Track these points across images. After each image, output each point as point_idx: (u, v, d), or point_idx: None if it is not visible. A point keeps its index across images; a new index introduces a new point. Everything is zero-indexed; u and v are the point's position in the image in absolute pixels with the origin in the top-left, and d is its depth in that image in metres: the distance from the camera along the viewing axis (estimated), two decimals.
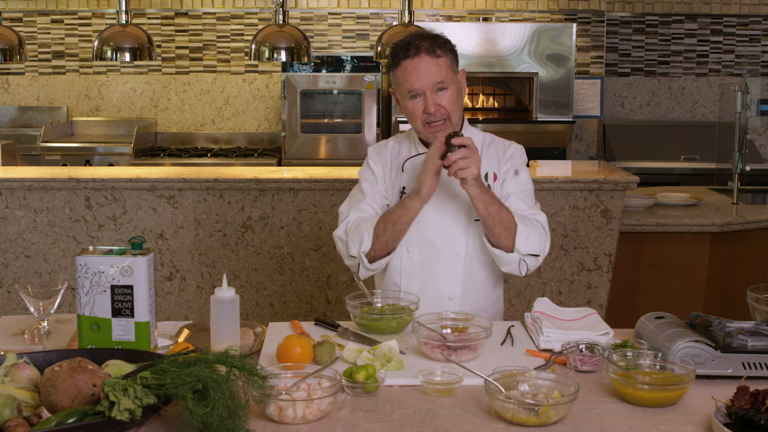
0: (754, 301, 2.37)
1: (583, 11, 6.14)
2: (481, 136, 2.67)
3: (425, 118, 2.50)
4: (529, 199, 2.60)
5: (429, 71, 2.46)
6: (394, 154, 2.67)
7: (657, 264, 4.06)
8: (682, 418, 1.82)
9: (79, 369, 1.72)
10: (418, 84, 2.47)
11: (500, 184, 2.59)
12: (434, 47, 2.48)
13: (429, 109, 2.48)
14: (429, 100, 2.47)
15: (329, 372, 1.91)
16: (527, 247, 2.47)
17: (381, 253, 2.53)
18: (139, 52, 4.06)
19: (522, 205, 2.56)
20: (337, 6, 6.15)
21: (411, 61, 2.47)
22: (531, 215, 2.55)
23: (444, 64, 2.49)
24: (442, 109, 2.49)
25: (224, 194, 3.86)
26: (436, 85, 2.47)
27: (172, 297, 3.92)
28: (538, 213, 2.58)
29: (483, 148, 2.62)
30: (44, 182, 3.82)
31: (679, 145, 6.05)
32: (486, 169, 2.59)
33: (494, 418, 1.81)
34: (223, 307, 2.14)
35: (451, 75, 2.50)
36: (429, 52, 2.47)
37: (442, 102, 2.48)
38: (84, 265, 2.05)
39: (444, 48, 2.51)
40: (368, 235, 2.49)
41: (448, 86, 2.49)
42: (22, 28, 6.14)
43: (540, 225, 2.53)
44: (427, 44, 2.48)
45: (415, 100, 2.49)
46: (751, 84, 6.15)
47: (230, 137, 6.29)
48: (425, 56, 2.47)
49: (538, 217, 2.56)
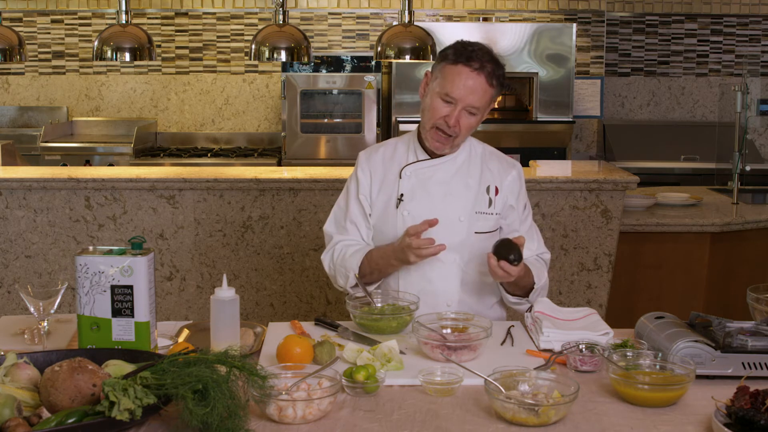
0: (754, 301, 2.37)
1: (583, 11, 6.14)
2: (480, 148, 2.68)
3: (440, 123, 2.50)
4: (538, 235, 2.69)
5: (475, 92, 2.46)
6: (387, 158, 2.65)
7: (657, 264, 4.06)
8: (682, 418, 1.82)
9: (79, 369, 1.72)
10: (458, 94, 2.46)
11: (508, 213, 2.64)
12: (493, 76, 2.49)
13: (450, 120, 2.48)
14: (455, 113, 2.48)
15: (329, 372, 1.91)
16: (534, 299, 2.56)
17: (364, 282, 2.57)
18: (139, 52, 4.06)
19: (533, 244, 2.64)
20: (337, 6, 6.15)
21: (469, 72, 2.46)
22: (540, 255, 2.66)
23: (489, 95, 2.51)
24: (458, 128, 2.50)
25: (224, 194, 3.86)
26: (470, 107, 2.48)
27: (172, 297, 3.92)
28: (545, 252, 2.69)
29: (483, 159, 2.65)
30: (44, 182, 3.82)
31: (679, 145, 6.05)
32: (488, 182, 2.62)
33: (494, 418, 1.81)
34: (223, 307, 2.14)
35: (486, 106, 2.53)
36: (488, 77, 2.48)
37: (463, 123, 2.50)
38: (84, 265, 2.05)
39: (500, 81, 2.52)
40: (353, 274, 2.54)
41: (478, 114, 2.51)
42: (22, 28, 6.14)
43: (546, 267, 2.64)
44: (491, 68, 2.48)
45: (444, 103, 2.49)
46: (751, 84, 6.15)
47: (230, 137, 6.29)
48: (483, 78, 2.47)
49: (545, 256, 2.69)
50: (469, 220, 2.56)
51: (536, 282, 2.54)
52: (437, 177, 2.59)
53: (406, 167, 2.61)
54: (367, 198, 2.64)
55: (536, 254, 2.65)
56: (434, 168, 2.60)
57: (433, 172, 2.60)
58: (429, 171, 2.60)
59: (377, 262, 2.54)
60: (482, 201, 2.59)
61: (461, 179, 2.59)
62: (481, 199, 2.59)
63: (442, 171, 2.60)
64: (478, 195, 2.59)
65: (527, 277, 2.53)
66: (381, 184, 2.63)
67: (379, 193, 2.63)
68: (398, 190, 2.60)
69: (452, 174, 2.60)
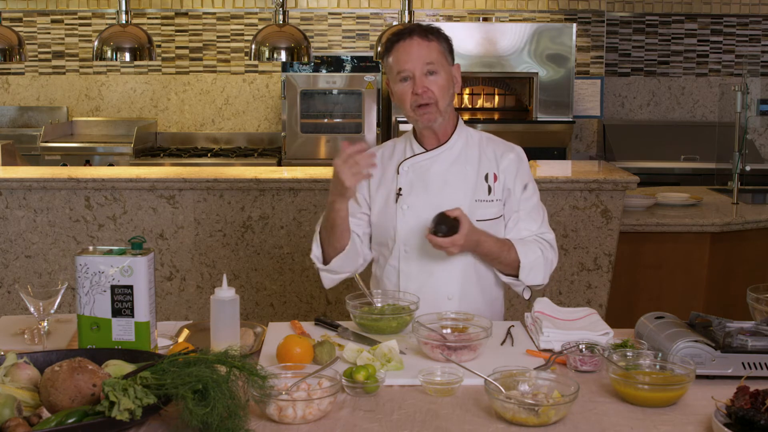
0: (754, 301, 2.37)
1: (583, 11, 6.14)
2: (477, 136, 2.67)
3: (414, 100, 2.49)
4: (538, 215, 2.64)
5: (420, 53, 2.47)
6: (386, 157, 2.67)
7: (657, 264, 4.06)
8: (682, 418, 1.82)
9: (79, 369, 1.72)
10: (408, 65, 2.48)
11: (507, 196, 2.61)
12: (426, 32, 2.51)
13: (417, 90, 2.47)
14: (418, 81, 2.48)
15: (329, 372, 1.91)
16: (530, 280, 2.55)
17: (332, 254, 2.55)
18: (139, 52, 4.06)
19: (532, 225, 2.61)
20: (337, 6, 6.15)
21: (402, 43, 2.49)
22: (540, 235, 2.61)
23: (435, 48, 2.50)
24: (429, 92, 2.48)
25: (224, 194, 3.86)
26: (425, 66, 2.47)
27: (172, 297, 3.92)
28: (548, 232, 2.63)
29: (481, 147, 2.63)
30: (44, 182, 3.82)
31: (679, 145, 6.05)
32: (486, 169, 2.61)
33: (494, 418, 1.81)
34: (223, 307, 2.14)
35: (442, 60, 2.51)
36: (421, 35, 2.49)
37: (431, 86, 2.49)
38: (84, 265, 2.05)
39: (437, 34, 2.53)
40: (316, 236, 2.55)
41: (438, 71, 2.50)
42: (22, 28, 6.14)
43: (546, 247, 2.59)
44: (418, 29, 2.51)
45: (404, 83, 2.50)
46: (751, 84, 6.15)
47: (230, 137, 6.29)
48: (417, 38, 2.49)
49: (547, 236, 2.62)
50: (469, 208, 2.54)
51: (521, 259, 2.52)
52: (434, 169, 2.59)
53: (404, 162, 2.61)
54: (365, 197, 2.64)
55: (536, 234, 2.61)
56: (431, 160, 2.60)
57: (429, 165, 2.59)
58: (426, 164, 2.59)
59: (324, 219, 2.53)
60: (481, 189, 2.59)
61: (459, 169, 2.59)
62: (481, 187, 2.59)
63: (439, 162, 2.59)
64: (477, 183, 2.59)
65: (506, 253, 2.51)
66: (380, 181, 2.63)
67: (378, 190, 2.63)
68: (396, 185, 2.60)
69: (449, 164, 2.59)
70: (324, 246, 2.56)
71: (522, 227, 2.60)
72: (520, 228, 2.60)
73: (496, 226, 2.58)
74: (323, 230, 2.55)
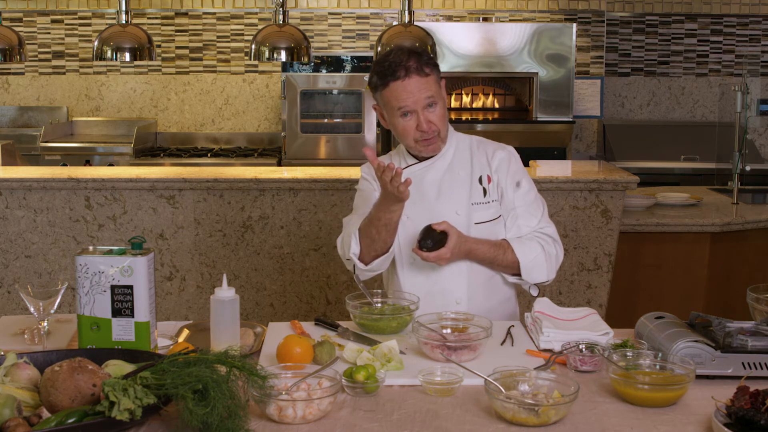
0: (754, 301, 2.37)
1: (583, 11, 6.14)
2: (467, 140, 2.68)
3: (418, 135, 2.53)
4: (537, 210, 2.63)
5: (420, 90, 2.48)
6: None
7: (657, 264, 4.06)
8: (682, 418, 1.82)
9: (79, 369, 1.72)
10: (409, 102, 2.49)
11: (501, 195, 2.61)
12: (422, 66, 2.50)
13: (422, 126, 2.50)
14: (421, 117, 2.50)
15: (329, 372, 1.91)
16: (533, 278, 2.56)
17: (373, 254, 2.52)
18: (139, 52, 4.06)
19: (531, 220, 2.61)
20: (337, 6, 6.15)
21: (401, 82, 2.48)
22: (539, 230, 2.60)
23: (432, 82, 2.52)
24: (433, 126, 2.52)
25: (224, 194, 3.86)
26: (426, 100, 2.49)
27: (172, 297, 3.92)
28: (547, 225, 2.63)
29: (472, 150, 2.65)
30: (44, 182, 3.82)
31: (679, 145, 6.05)
32: (479, 172, 2.62)
33: (494, 418, 1.81)
34: (223, 307, 2.14)
35: (437, 89, 2.54)
36: (418, 72, 2.49)
37: (433, 119, 2.51)
38: (84, 265, 2.05)
39: (431, 65, 2.53)
40: (355, 237, 2.51)
41: (437, 102, 2.52)
42: (22, 28, 6.14)
43: (547, 242, 2.58)
44: (415, 64, 2.49)
45: (406, 117, 2.52)
46: (751, 84, 6.15)
47: (230, 137, 6.29)
48: (415, 76, 2.48)
49: (547, 230, 2.62)
50: (466, 212, 2.56)
51: (520, 259, 2.53)
52: (429, 178, 2.61)
53: None
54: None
55: (536, 230, 2.61)
56: (424, 170, 2.62)
57: (423, 174, 2.61)
58: (420, 174, 2.61)
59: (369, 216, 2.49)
60: (477, 192, 2.60)
61: (452, 175, 2.61)
62: (476, 191, 2.60)
63: (433, 171, 2.62)
64: (472, 187, 2.60)
65: (503, 256, 2.53)
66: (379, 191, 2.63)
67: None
68: None
69: (443, 172, 2.61)
70: (363, 246, 2.52)
71: (522, 224, 2.60)
72: (520, 225, 2.60)
73: (495, 227, 2.59)
74: (369, 231, 2.49)
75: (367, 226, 2.49)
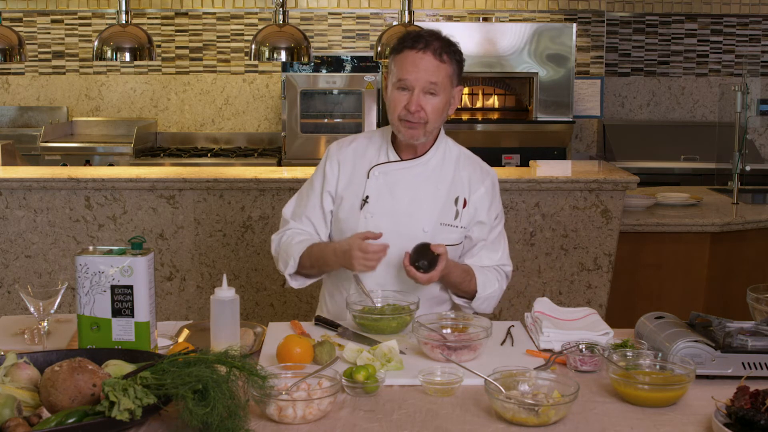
0: (754, 301, 2.37)
1: (583, 11, 6.14)
2: (455, 152, 2.60)
3: (403, 114, 2.43)
4: (500, 244, 2.63)
5: (427, 69, 2.40)
6: (360, 152, 2.59)
7: (657, 264, 4.06)
8: (682, 418, 1.82)
9: (79, 369, 1.72)
10: (411, 77, 2.40)
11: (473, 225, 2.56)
12: (443, 51, 2.41)
13: (410, 106, 2.41)
14: (414, 97, 2.41)
15: (329, 372, 1.91)
16: (480, 309, 2.56)
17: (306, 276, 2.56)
18: (139, 52, 4.06)
19: (494, 254, 2.61)
20: (337, 6, 6.15)
21: (415, 53, 2.40)
22: (501, 266, 2.61)
23: (444, 71, 2.42)
24: (422, 113, 2.42)
25: (224, 194, 3.86)
26: (428, 85, 2.41)
27: (172, 297, 3.92)
28: (507, 264, 2.64)
29: (457, 167, 2.57)
30: (44, 182, 3.82)
31: (679, 145, 6.05)
32: (457, 192, 2.55)
33: (494, 418, 1.81)
34: (223, 307, 2.14)
35: (446, 83, 2.43)
36: (435, 53, 2.40)
37: (426, 106, 2.42)
38: (84, 265, 2.05)
39: (452, 56, 2.44)
40: (294, 262, 2.51)
41: (438, 93, 2.42)
42: (22, 28, 6.14)
43: (503, 280, 2.60)
44: (438, 45, 2.41)
45: (401, 91, 2.43)
46: (751, 84, 6.15)
47: (230, 137, 6.29)
48: (430, 55, 2.40)
49: (506, 268, 2.63)
50: (433, 231, 2.50)
51: (479, 290, 2.52)
52: (405, 181, 2.52)
53: (375, 167, 2.54)
54: (332, 193, 2.58)
55: (496, 265, 2.60)
56: (404, 171, 2.53)
57: (401, 176, 2.53)
58: (398, 174, 2.53)
59: (317, 258, 2.49)
60: (449, 212, 2.53)
61: (430, 185, 2.53)
62: (448, 210, 2.53)
63: (412, 175, 2.53)
64: (445, 205, 2.53)
65: (467, 284, 2.51)
66: (349, 179, 2.57)
67: (346, 189, 2.56)
68: (364, 191, 2.53)
69: (422, 179, 2.53)
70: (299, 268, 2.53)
71: (484, 255, 2.58)
72: (482, 256, 2.58)
73: (455, 251, 2.54)
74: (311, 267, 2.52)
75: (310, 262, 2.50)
